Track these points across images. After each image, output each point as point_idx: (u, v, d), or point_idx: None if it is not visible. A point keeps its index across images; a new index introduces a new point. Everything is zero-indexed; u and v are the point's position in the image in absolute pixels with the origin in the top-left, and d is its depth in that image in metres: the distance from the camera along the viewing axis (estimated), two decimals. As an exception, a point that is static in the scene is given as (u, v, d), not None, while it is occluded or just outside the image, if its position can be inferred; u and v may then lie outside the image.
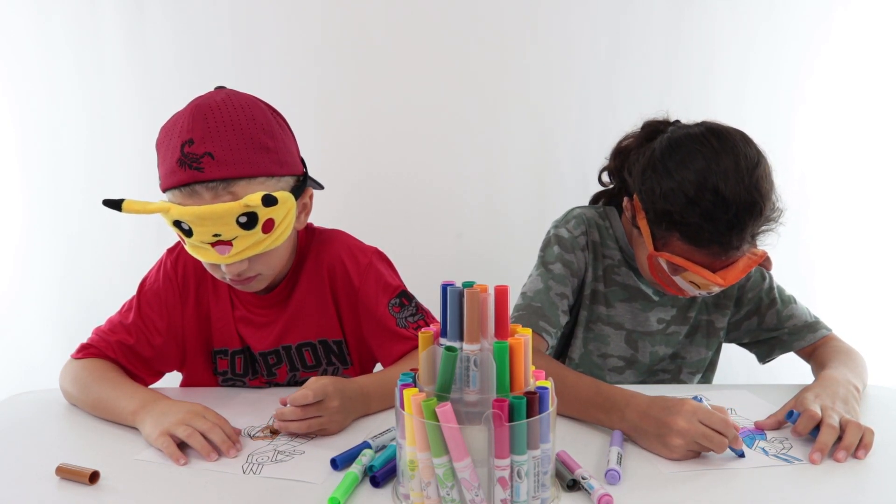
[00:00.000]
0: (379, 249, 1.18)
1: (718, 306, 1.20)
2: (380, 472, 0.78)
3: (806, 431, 0.88)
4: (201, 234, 0.94)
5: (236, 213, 0.92)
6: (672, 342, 1.21)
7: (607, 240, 1.20)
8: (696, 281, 1.03)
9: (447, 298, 0.70)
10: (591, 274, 1.19)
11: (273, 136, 0.99)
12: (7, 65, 1.69)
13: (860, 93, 1.72)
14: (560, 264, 1.16)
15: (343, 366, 1.17)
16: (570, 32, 1.67)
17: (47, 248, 1.77)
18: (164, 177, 0.97)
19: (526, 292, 1.15)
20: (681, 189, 0.98)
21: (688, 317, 1.21)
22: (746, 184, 0.97)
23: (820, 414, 0.88)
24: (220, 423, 0.90)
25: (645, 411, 0.88)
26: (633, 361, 1.22)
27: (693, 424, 0.82)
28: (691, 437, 0.82)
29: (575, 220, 1.20)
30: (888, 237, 1.78)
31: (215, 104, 0.96)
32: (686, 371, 1.24)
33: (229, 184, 0.93)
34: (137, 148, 1.70)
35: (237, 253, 0.95)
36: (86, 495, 0.76)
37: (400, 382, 0.71)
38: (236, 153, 0.94)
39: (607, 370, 1.22)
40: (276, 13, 1.66)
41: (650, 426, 0.86)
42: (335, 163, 1.25)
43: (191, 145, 0.93)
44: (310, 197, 1.10)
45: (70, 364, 1.08)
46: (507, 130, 1.72)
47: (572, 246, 1.17)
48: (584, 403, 0.95)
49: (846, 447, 0.84)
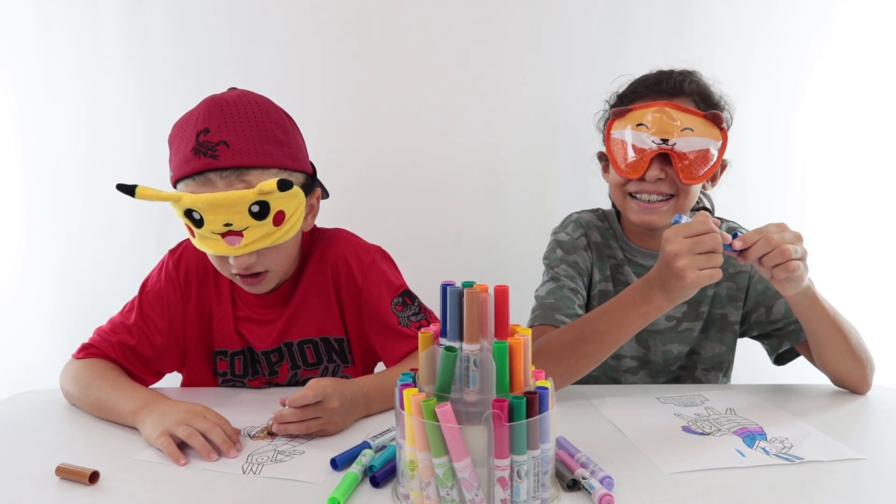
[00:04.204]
0: (382, 248, 1.19)
1: (731, 298, 1.20)
2: (380, 472, 0.78)
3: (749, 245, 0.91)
4: (212, 224, 0.94)
5: (250, 200, 0.93)
6: (687, 339, 1.21)
7: (609, 239, 1.22)
8: (645, 122, 1.08)
9: (447, 298, 0.70)
10: (598, 274, 1.20)
11: (286, 131, 1.01)
12: (8, 65, 1.69)
13: (860, 92, 1.72)
14: (565, 265, 1.18)
15: (344, 364, 1.17)
16: (570, 32, 1.67)
17: (47, 247, 1.77)
18: (176, 167, 0.98)
19: (538, 295, 1.16)
20: (629, 82, 1.19)
21: (700, 312, 1.20)
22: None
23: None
24: (221, 423, 0.90)
25: (656, 269, 0.93)
26: (646, 361, 1.22)
27: (680, 243, 0.87)
28: (687, 252, 0.87)
29: (573, 224, 1.23)
30: (889, 237, 1.78)
31: (231, 98, 0.99)
32: (701, 368, 1.23)
33: (243, 172, 0.95)
34: (137, 148, 1.70)
35: (247, 244, 0.96)
36: (86, 495, 0.76)
37: (400, 382, 0.71)
38: (251, 143, 0.95)
39: (622, 371, 1.22)
40: (276, 13, 1.66)
41: (665, 275, 0.90)
42: (335, 162, 1.25)
43: (206, 134, 0.94)
44: (317, 199, 1.11)
45: (71, 364, 1.08)
46: (507, 130, 1.72)
47: (574, 247, 1.20)
48: (626, 310, 0.96)
49: (779, 251, 0.88)
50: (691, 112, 1.07)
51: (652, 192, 1.10)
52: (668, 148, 1.06)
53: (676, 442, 0.90)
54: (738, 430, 0.93)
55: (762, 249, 0.90)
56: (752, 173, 1.75)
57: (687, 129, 1.06)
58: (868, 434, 0.94)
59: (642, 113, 1.09)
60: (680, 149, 1.06)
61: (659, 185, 1.09)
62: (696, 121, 1.07)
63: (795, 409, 1.02)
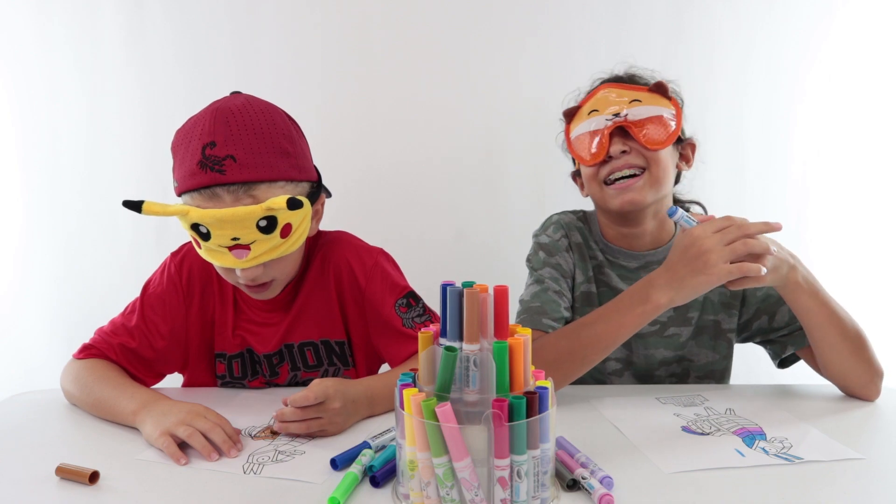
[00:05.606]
0: (384, 250, 1.18)
1: (725, 305, 1.19)
2: (379, 472, 0.78)
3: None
4: (219, 238, 0.94)
5: (257, 216, 0.92)
6: (673, 345, 1.20)
7: (590, 241, 1.22)
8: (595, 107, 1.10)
9: (447, 298, 0.71)
10: (581, 275, 1.20)
11: (292, 141, 1.00)
12: (7, 64, 1.69)
13: (860, 92, 1.72)
14: (549, 268, 1.18)
15: (344, 366, 1.17)
16: (570, 32, 1.67)
17: (47, 248, 1.77)
18: (181, 179, 0.96)
19: (523, 299, 1.15)
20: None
21: (688, 317, 1.20)
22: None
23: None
24: (221, 422, 0.90)
25: (670, 268, 0.94)
26: (629, 363, 1.21)
27: (712, 237, 0.90)
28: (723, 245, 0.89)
29: (553, 226, 1.23)
30: (889, 237, 1.78)
31: (236, 108, 0.96)
32: (694, 375, 1.22)
33: (250, 187, 0.94)
34: (137, 148, 1.71)
35: (255, 257, 0.96)
36: (86, 495, 0.76)
37: (400, 382, 0.72)
38: (258, 157, 0.94)
39: (607, 373, 1.22)
40: (276, 12, 1.66)
41: (685, 271, 0.91)
42: (335, 163, 1.25)
43: (213, 147, 0.93)
44: (322, 204, 1.10)
45: (71, 364, 1.08)
46: (507, 130, 1.72)
47: (556, 249, 1.20)
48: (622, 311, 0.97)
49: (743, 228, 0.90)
50: (635, 87, 1.10)
51: (622, 167, 1.10)
52: (622, 120, 1.08)
53: (676, 442, 0.90)
54: (737, 430, 0.93)
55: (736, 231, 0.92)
56: (752, 173, 1.75)
57: (635, 101, 1.09)
58: (868, 434, 0.94)
59: (591, 101, 1.12)
60: (633, 117, 1.08)
61: (626, 159, 1.09)
62: (643, 94, 1.10)
63: (795, 409, 1.02)
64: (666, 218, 1.17)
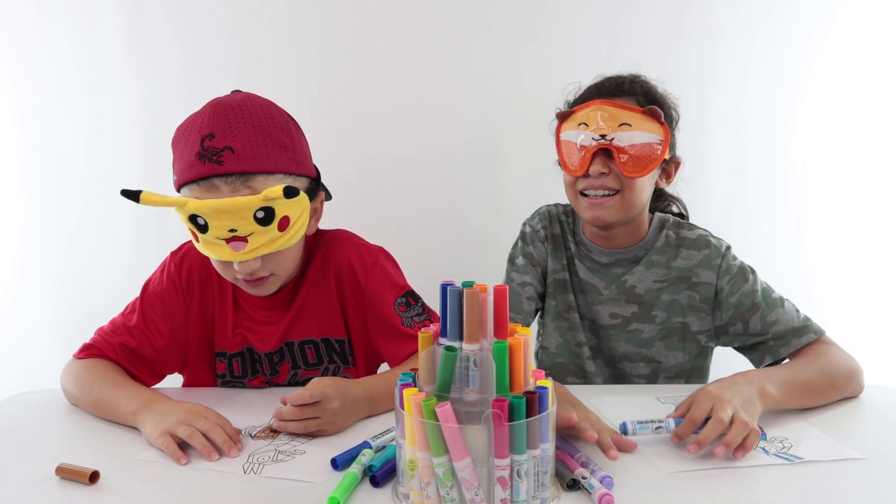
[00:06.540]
0: (384, 249, 1.19)
1: (693, 308, 1.20)
2: (379, 471, 0.78)
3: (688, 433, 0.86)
4: (217, 230, 0.94)
5: (255, 206, 0.92)
6: (635, 340, 1.22)
7: (567, 233, 1.28)
8: (585, 120, 1.11)
9: (447, 298, 0.71)
10: (555, 263, 1.26)
11: (290, 135, 1.01)
12: (7, 64, 1.69)
13: (860, 92, 1.71)
14: (522, 257, 1.27)
15: (344, 365, 1.17)
16: (570, 32, 1.67)
17: (47, 248, 1.77)
18: (181, 172, 0.97)
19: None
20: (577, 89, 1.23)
21: (652, 315, 1.21)
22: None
23: (702, 414, 0.86)
24: (221, 422, 0.90)
25: None
26: (598, 350, 1.26)
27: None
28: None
29: (539, 215, 1.30)
30: (889, 237, 1.78)
31: (235, 103, 0.98)
32: (664, 376, 1.24)
33: (248, 178, 0.94)
34: (137, 147, 1.71)
35: (252, 250, 0.96)
36: (86, 495, 0.76)
37: (399, 382, 0.72)
38: (256, 148, 0.95)
39: (584, 358, 1.25)
40: (276, 12, 1.66)
41: None
42: (334, 162, 1.25)
43: (211, 139, 0.94)
44: (321, 202, 1.11)
45: (72, 364, 1.08)
46: (506, 130, 1.72)
47: (532, 239, 1.27)
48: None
49: (727, 443, 0.82)
50: (629, 108, 1.10)
51: (598, 187, 1.13)
52: (607, 143, 1.10)
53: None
54: (737, 430, 0.93)
55: (716, 432, 0.84)
56: (752, 173, 1.75)
57: (625, 125, 1.09)
58: (868, 434, 0.94)
59: (583, 113, 1.13)
60: (619, 143, 1.09)
61: (603, 181, 1.13)
62: (635, 116, 1.10)
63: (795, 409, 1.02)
64: (640, 222, 1.21)
